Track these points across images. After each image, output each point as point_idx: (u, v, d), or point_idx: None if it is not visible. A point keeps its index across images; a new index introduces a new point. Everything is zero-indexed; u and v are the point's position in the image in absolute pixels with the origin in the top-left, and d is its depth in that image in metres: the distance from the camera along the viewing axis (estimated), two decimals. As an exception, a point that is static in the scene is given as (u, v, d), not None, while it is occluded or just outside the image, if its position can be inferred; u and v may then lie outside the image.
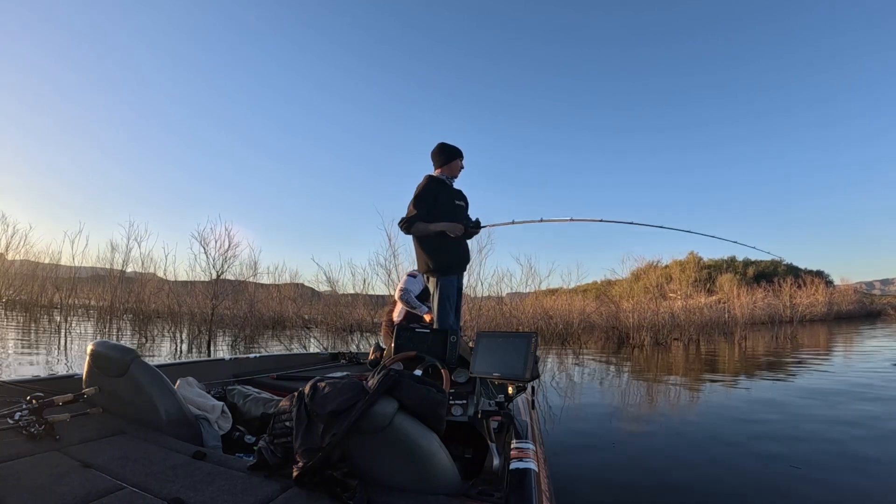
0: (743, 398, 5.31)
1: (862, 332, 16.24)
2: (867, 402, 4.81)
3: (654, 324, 11.61)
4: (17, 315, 11.34)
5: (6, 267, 12.69)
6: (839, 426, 3.88)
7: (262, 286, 13.78)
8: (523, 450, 1.38)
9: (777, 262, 33.52)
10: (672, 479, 2.77)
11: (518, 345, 1.55)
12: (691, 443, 3.48)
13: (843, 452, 3.17)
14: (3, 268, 12.62)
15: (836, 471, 2.85)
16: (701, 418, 4.33)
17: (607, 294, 14.51)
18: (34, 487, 1.07)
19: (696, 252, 28.87)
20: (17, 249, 12.97)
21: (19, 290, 12.64)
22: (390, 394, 1.19)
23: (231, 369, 2.81)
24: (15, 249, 12.93)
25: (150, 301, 11.19)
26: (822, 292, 23.57)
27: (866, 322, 22.28)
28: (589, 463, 3.03)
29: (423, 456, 1.16)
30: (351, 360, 3.62)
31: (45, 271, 12.89)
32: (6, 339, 7.49)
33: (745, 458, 3.12)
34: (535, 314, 12.00)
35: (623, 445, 3.44)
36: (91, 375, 1.70)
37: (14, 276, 12.81)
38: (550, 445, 3.00)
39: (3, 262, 12.73)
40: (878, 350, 10.35)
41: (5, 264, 12.73)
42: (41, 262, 13.08)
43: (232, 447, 1.77)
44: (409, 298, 3.37)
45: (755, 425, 3.96)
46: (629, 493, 2.58)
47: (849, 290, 28.77)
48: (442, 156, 3.02)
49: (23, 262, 13.25)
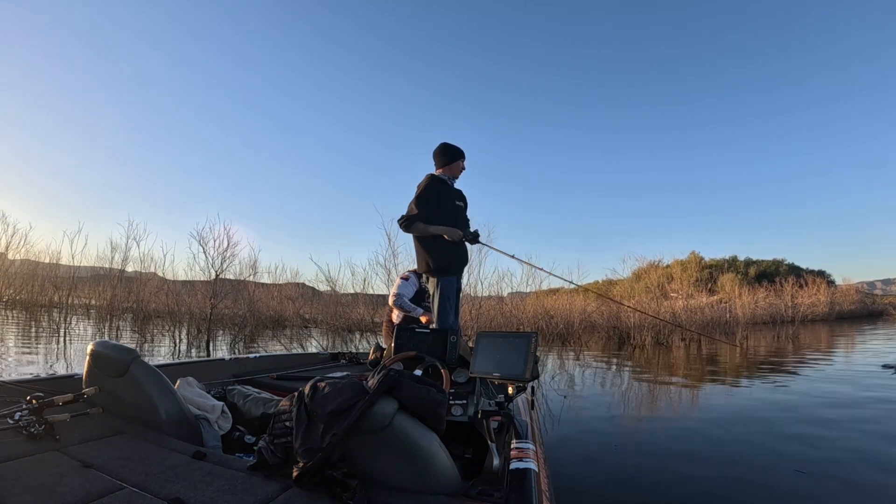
0: (743, 397, 5.31)
1: (864, 331, 16.20)
2: (870, 404, 4.80)
3: (655, 324, 11.59)
4: (17, 314, 11.36)
5: (6, 267, 12.70)
6: (843, 429, 3.86)
7: (263, 286, 13.79)
8: (523, 450, 1.37)
9: (779, 261, 33.52)
10: (672, 478, 2.77)
11: (518, 345, 1.55)
12: (691, 442, 3.48)
13: (850, 457, 3.13)
14: (3, 267, 12.63)
15: (840, 475, 2.84)
16: (701, 418, 4.32)
17: (607, 294, 14.49)
18: (34, 487, 1.07)
19: (697, 252, 28.89)
20: (17, 249, 13.00)
21: (19, 290, 12.66)
22: (390, 394, 1.19)
23: (231, 369, 2.81)
24: (15, 249, 12.97)
25: (150, 301, 11.20)
26: (823, 292, 23.52)
27: (868, 322, 22.24)
28: (589, 463, 3.02)
29: (423, 456, 1.16)
30: (351, 360, 3.62)
31: (46, 271, 12.91)
32: (6, 339, 7.51)
33: (746, 458, 3.11)
34: (536, 314, 11.99)
35: (623, 445, 3.43)
36: (91, 375, 1.70)
37: (14, 276, 12.82)
38: (550, 445, 2.99)
39: (3, 261, 12.75)
40: (879, 350, 10.33)
41: (5, 264, 12.74)
42: (41, 261, 13.12)
43: (232, 447, 1.77)
44: (402, 303, 3.36)
45: (756, 425, 3.96)
46: (629, 494, 2.58)
47: (850, 290, 28.71)
48: (444, 156, 3.02)
49: (23, 262, 13.28)
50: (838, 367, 7.63)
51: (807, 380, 6.40)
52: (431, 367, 2.06)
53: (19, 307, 12.22)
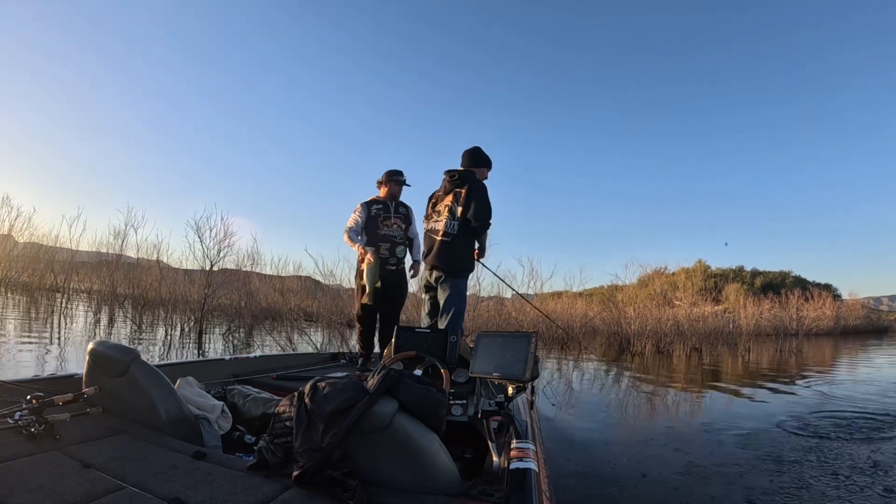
0: (743, 406, 5.29)
1: (869, 348, 16.03)
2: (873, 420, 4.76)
3: (657, 331, 11.53)
4: (18, 297, 11.45)
5: (9, 248, 12.75)
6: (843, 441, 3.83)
7: (266, 277, 13.77)
8: (523, 450, 1.37)
9: (785, 273, 33.24)
10: (671, 479, 2.76)
11: (518, 345, 1.55)
12: (690, 446, 3.47)
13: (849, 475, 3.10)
14: (6, 250, 12.67)
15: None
16: (700, 424, 4.32)
17: (612, 299, 14.41)
18: (34, 487, 1.06)
19: (703, 260, 28.70)
20: (20, 232, 13.04)
21: (21, 272, 12.71)
22: (390, 394, 1.19)
23: (231, 369, 2.81)
24: (19, 232, 13.00)
25: (149, 289, 11.21)
26: (829, 306, 23.26)
27: (873, 337, 22.03)
28: (589, 463, 3.02)
29: (423, 456, 1.16)
30: (351, 360, 3.64)
31: (48, 254, 12.95)
32: (7, 319, 7.59)
33: (747, 463, 3.09)
34: (537, 316, 11.94)
35: (623, 446, 3.44)
36: (91, 375, 1.69)
37: (17, 259, 12.88)
38: (550, 445, 2.99)
39: (9, 243, 12.81)
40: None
41: (9, 245, 12.79)
42: (44, 244, 13.15)
43: (232, 447, 1.77)
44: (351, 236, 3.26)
45: (756, 435, 3.92)
46: (629, 494, 2.57)
47: (857, 305, 28.32)
48: (485, 163, 3.13)
49: (25, 245, 13.32)
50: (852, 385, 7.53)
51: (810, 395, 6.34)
52: (431, 367, 2.06)
53: (21, 290, 12.29)
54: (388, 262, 3.31)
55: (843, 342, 18.34)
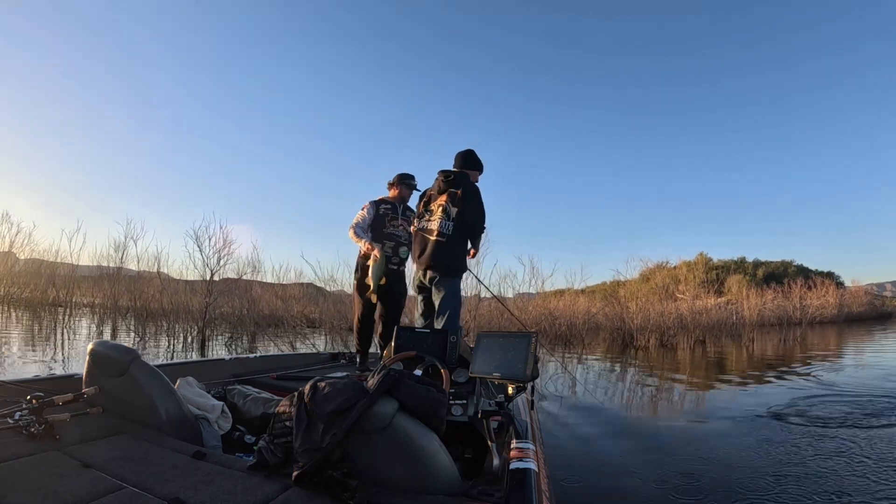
0: (748, 400, 5.25)
1: (874, 334, 15.97)
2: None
3: (660, 325, 11.51)
4: (20, 313, 11.47)
5: (10, 265, 12.78)
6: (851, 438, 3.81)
7: (268, 285, 13.77)
8: (523, 450, 1.37)
9: (787, 263, 33.17)
10: (672, 479, 2.75)
11: (518, 345, 1.54)
12: (692, 445, 3.45)
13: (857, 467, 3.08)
14: (7, 266, 12.71)
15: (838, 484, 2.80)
16: (704, 420, 4.29)
17: (615, 295, 14.38)
18: (34, 487, 1.07)
19: (705, 252, 28.63)
20: (21, 248, 13.08)
21: (23, 289, 12.74)
22: (390, 394, 1.18)
23: (231, 369, 2.81)
24: (19, 248, 13.04)
25: (151, 300, 11.22)
26: (832, 294, 23.19)
27: (878, 324, 21.97)
28: (589, 463, 3.01)
29: (423, 456, 1.16)
30: (351, 360, 3.63)
31: (49, 269, 12.98)
32: (10, 338, 7.61)
33: (748, 463, 3.07)
34: (539, 315, 11.92)
35: (624, 446, 3.42)
36: (91, 375, 1.70)
37: (19, 275, 12.91)
38: (550, 445, 2.98)
39: (10, 259, 12.84)
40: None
41: (10, 261, 12.82)
42: (45, 259, 13.18)
43: (232, 447, 1.77)
44: (357, 231, 3.23)
45: (761, 431, 3.90)
46: (629, 494, 2.56)
47: (860, 292, 28.26)
48: (476, 166, 3.14)
49: (27, 261, 13.34)
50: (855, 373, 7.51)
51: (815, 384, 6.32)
52: (431, 367, 2.06)
53: (23, 306, 12.32)
54: (391, 262, 3.32)
55: (847, 329, 18.28)
